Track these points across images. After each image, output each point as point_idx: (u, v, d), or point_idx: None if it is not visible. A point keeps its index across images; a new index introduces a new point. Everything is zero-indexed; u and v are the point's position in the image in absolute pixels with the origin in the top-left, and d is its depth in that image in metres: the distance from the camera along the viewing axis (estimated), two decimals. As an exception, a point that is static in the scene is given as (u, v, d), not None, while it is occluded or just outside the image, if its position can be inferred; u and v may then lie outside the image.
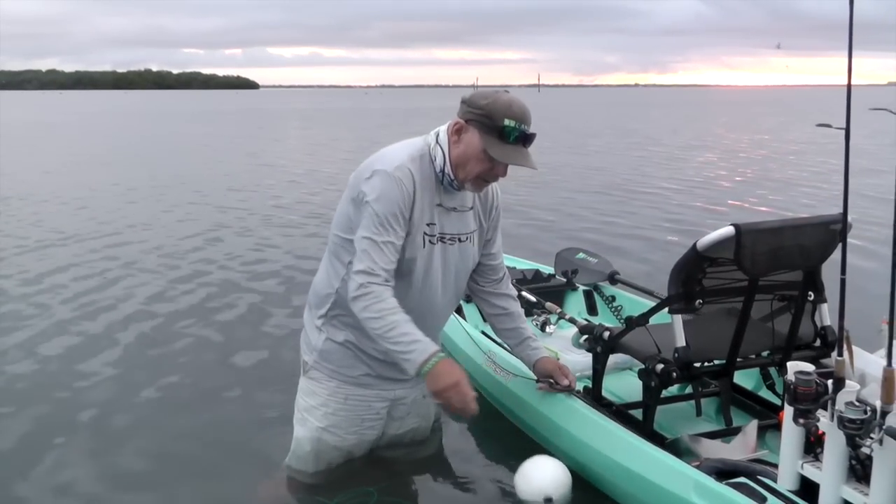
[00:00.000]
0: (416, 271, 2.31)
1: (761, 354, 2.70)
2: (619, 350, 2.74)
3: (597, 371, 2.81)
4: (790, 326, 2.63)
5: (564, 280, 4.16)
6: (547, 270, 4.33)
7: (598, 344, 2.78)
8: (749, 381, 3.03)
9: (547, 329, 3.70)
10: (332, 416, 2.47)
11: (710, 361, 2.62)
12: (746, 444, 2.46)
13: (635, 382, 2.64)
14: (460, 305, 3.76)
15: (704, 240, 2.37)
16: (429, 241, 2.30)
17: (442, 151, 2.27)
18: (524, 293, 3.61)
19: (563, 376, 2.59)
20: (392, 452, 2.65)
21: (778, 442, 2.11)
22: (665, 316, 2.53)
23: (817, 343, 2.69)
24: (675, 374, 2.47)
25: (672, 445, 2.47)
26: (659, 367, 2.47)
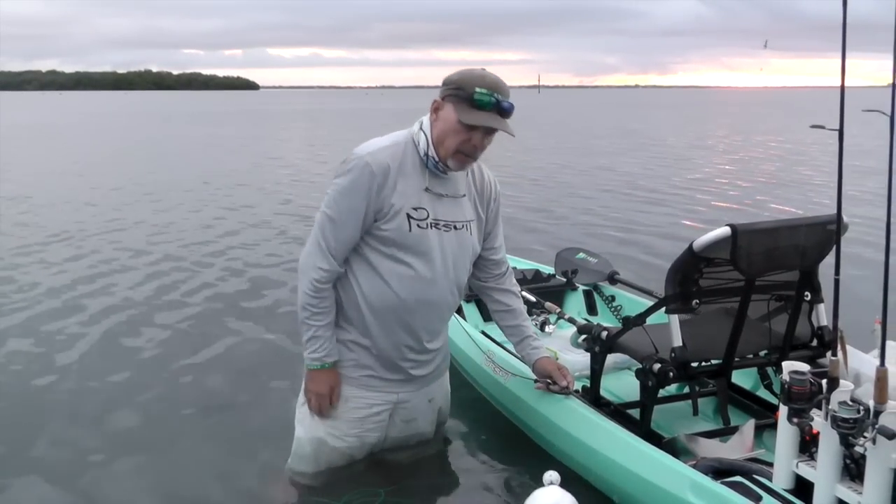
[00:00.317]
0: (410, 255, 2.31)
1: (758, 354, 2.71)
2: (617, 350, 2.75)
3: (595, 371, 2.82)
4: (787, 326, 2.64)
5: (564, 280, 4.17)
6: (547, 270, 4.34)
7: (596, 344, 2.79)
8: (747, 381, 3.05)
9: (546, 329, 3.71)
10: (333, 418, 2.46)
11: (708, 361, 2.64)
12: (743, 444, 2.47)
13: (633, 382, 2.65)
14: (460, 306, 3.78)
15: (701, 240, 2.38)
16: (417, 226, 2.30)
17: (425, 135, 2.32)
18: (524, 293, 3.62)
19: (562, 377, 2.59)
20: (397, 455, 2.64)
21: (774, 441, 2.12)
22: (664, 316, 2.54)
23: (814, 343, 2.70)
24: (672, 374, 2.48)
25: (669, 445, 2.48)
26: (656, 367, 2.48)
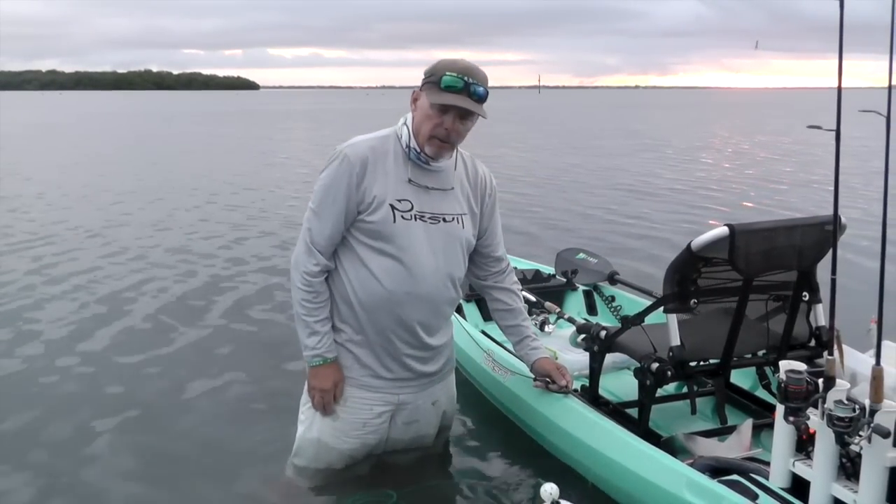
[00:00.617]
0: (396, 247, 2.31)
1: (756, 354, 2.72)
2: (616, 349, 2.76)
3: (593, 370, 2.83)
4: (785, 326, 2.65)
5: (564, 280, 4.18)
6: (547, 270, 4.35)
7: (595, 343, 2.80)
8: (745, 381, 3.06)
9: (546, 328, 3.72)
10: (335, 418, 2.45)
11: (706, 361, 2.64)
12: (741, 443, 2.48)
13: (632, 382, 2.66)
14: (461, 305, 3.79)
15: (699, 240, 2.39)
16: (401, 217, 2.31)
17: (407, 128, 2.35)
18: (524, 293, 3.63)
19: (561, 376, 2.60)
20: (398, 457, 2.62)
21: (772, 441, 2.12)
22: (663, 316, 2.55)
23: (812, 343, 2.71)
24: (670, 373, 2.49)
25: (667, 444, 2.50)
26: (654, 366, 2.49)
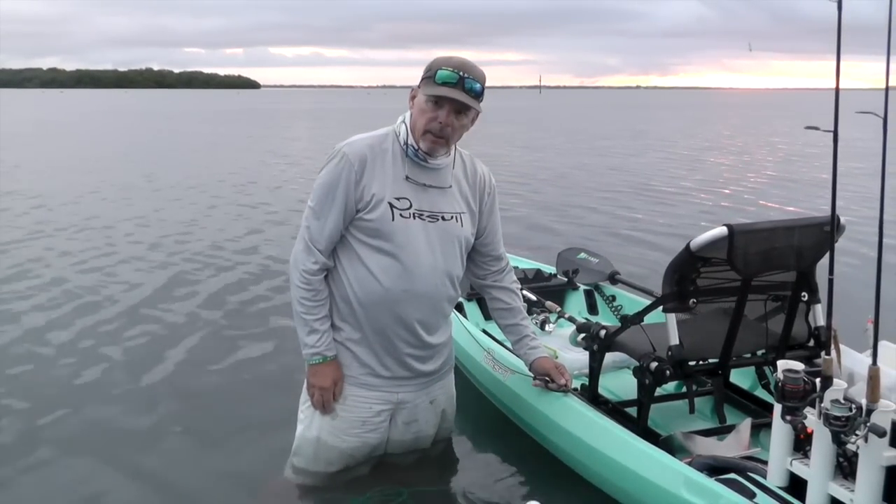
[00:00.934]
0: (394, 244, 2.32)
1: (755, 354, 2.73)
2: (615, 348, 2.77)
3: (593, 369, 2.84)
4: (784, 326, 2.66)
5: (565, 279, 4.19)
6: (548, 270, 4.36)
7: (595, 342, 2.81)
8: (745, 381, 3.07)
9: (546, 328, 3.73)
10: (334, 417, 2.46)
11: (704, 360, 2.65)
12: (740, 442, 2.49)
13: (632, 381, 2.67)
14: (462, 304, 3.80)
15: (697, 240, 2.40)
16: (400, 215, 2.32)
17: (405, 125, 2.37)
18: (525, 292, 3.64)
19: (560, 375, 2.61)
20: (402, 459, 2.63)
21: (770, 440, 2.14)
22: (663, 315, 2.56)
23: (811, 343, 2.72)
24: (669, 372, 2.50)
25: (665, 442, 2.51)
26: (653, 365, 2.50)
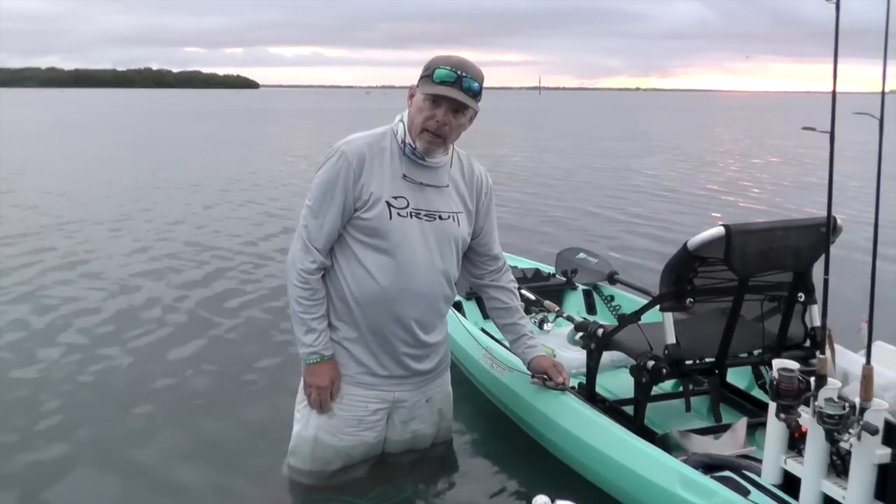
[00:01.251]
0: (391, 243, 2.33)
1: (752, 353, 2.75)
2: (613, 347, 2.79)
3: (590, 367, 2.86)
4: (780, 326, 2.68)
5: (564, 279, 4.21)
6: (547, 270, 4.38)
7: (592, 341, 2.83)
8: (742, 381, 3.08)
9: (545, 327, 3.74)
10: (331, 416, 2.46)
11: (701, 359, 2.67)
12: (735, 441, 2.52)
13: (629, 379, 2.69)
14: (460, 303, 3.82)
15: (695, 239, 2.42)
16: (397, 214, 2.33)
17: (403, 124, 2.38)
18: (523, 291, 3.66)
19: (557, 373, 2.63)
20: (401, 459, 2.63)
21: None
22: (661, 314, 2.58)
23: (807, 343, 2.73)
24: (665, 371, 2.52)
25: (662, 441, 2.52)
26: (650, 364, 2.52)
